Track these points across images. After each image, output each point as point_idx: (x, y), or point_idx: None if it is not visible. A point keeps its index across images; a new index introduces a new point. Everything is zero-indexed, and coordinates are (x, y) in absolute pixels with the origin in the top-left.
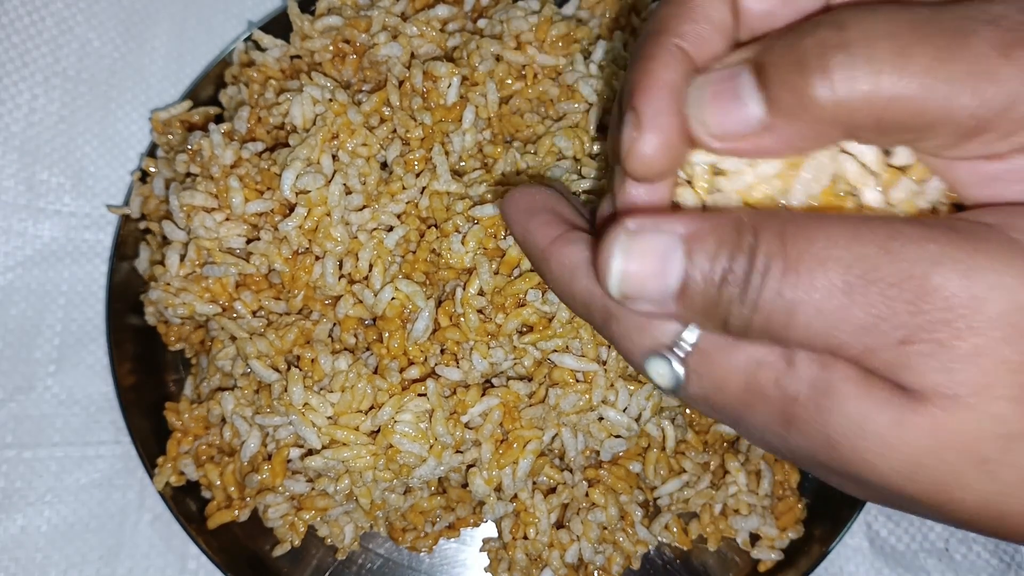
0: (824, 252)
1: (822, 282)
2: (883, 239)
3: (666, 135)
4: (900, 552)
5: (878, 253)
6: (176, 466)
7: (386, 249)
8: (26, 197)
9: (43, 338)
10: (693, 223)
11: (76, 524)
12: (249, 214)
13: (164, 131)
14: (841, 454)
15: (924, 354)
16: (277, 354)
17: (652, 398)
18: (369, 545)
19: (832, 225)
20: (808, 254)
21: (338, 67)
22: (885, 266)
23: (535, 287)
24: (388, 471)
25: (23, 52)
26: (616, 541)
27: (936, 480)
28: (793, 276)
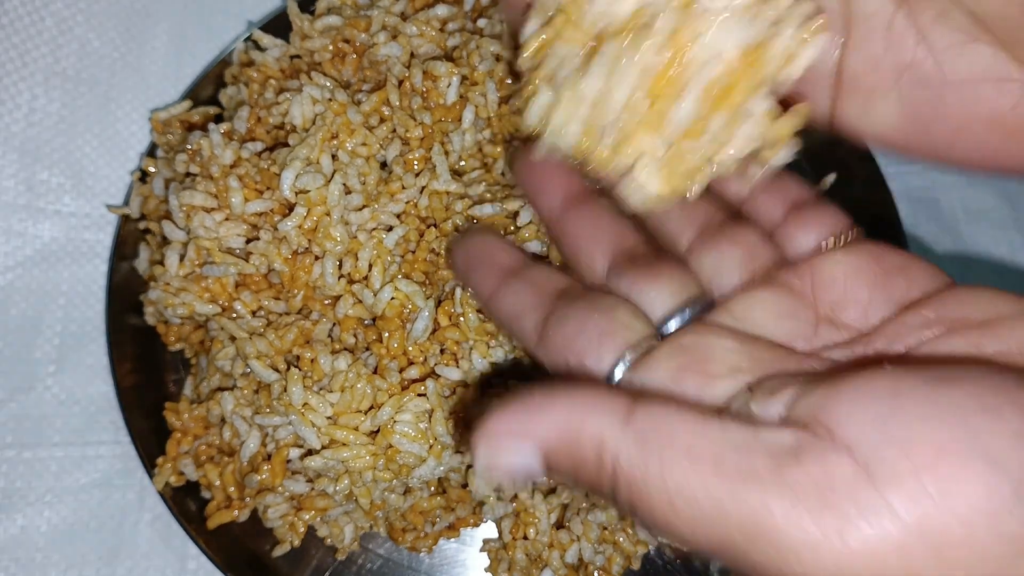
0: (686, 442)
1: (692, 474)
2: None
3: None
4: None
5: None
6: (176, 466)
7: (386, 249)
8: (26, 197)
9: (43, 338)
10: (550, 432)
11: (76, 524)
12: (249, 214)
13: (164, 131)
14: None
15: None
16: (277, 354)
17: None
18: (369, 545)
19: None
20: (669, 454)
21: (338, 67)
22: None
23: None
24: (388, 471)
25: (23, 52)
26: (616, 541)
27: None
28: (660, 470)
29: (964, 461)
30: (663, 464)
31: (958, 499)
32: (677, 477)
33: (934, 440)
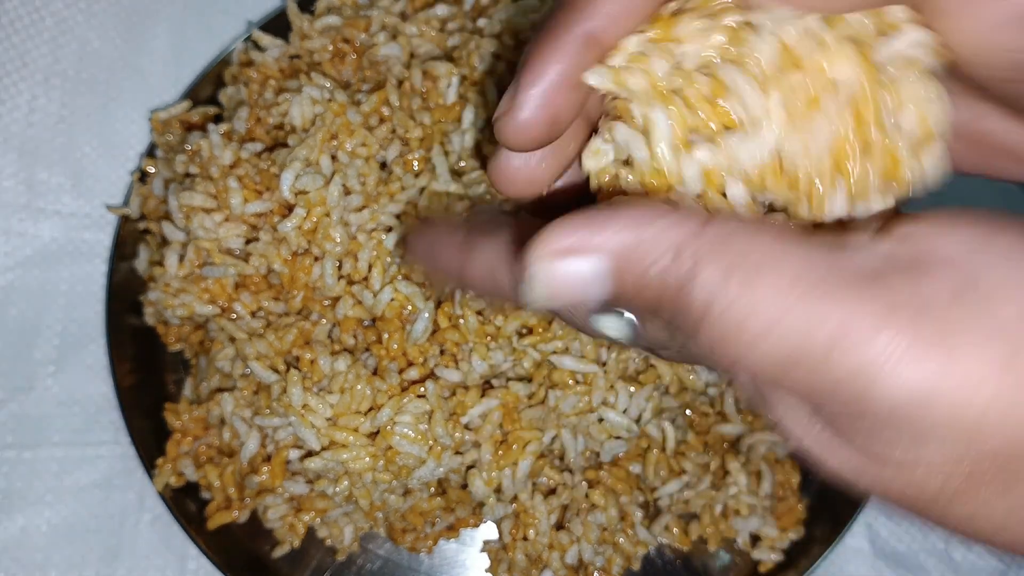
0: (775, 274)
1: (774, 307)
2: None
3: (547, 97)
4: (901, 553)
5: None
6: (176, 467)
7: (385, 250)
8: (26, 197)
9: (43, 338)
10: (624, 235)
11: (76, 524)
12: (248, 214)
13: (163, 131)
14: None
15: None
16: (276, 355)
17: (652, 399)
18: (369, 546)
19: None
20: (761, 274)
21: (337, 67)
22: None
23: None
24: (387, 472)
25: (23, 52)
26: (616, 542)
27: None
28: (747, 293)
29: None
30: (746, 274)
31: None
32: (759, 289)
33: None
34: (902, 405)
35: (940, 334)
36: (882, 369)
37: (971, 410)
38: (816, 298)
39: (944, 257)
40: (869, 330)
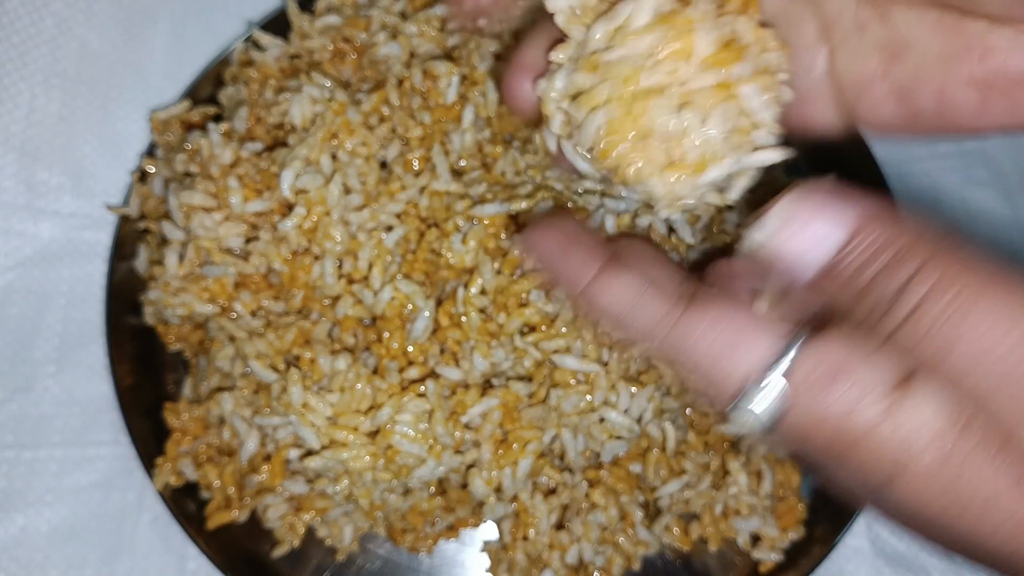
0: (1002, 302)
1: (997, 329)
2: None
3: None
4: (901, 552)
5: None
6: (175, 466)
7: (386, 249)
8: (26, 197)
9: (43, 338)
10: (869, 205)
11: (76, 524)
12: (248, 214)
13: (163, 131)
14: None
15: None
16: (276, 354)
17: (653, 400)
18: (369, 546)
19: (1007, 276)
20: (984, 295)
21: (337, 66)
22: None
23: (538, 287)
24: (387, 472)
25: (23, 52)
26: (616, 542)
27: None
28: (966, 309)
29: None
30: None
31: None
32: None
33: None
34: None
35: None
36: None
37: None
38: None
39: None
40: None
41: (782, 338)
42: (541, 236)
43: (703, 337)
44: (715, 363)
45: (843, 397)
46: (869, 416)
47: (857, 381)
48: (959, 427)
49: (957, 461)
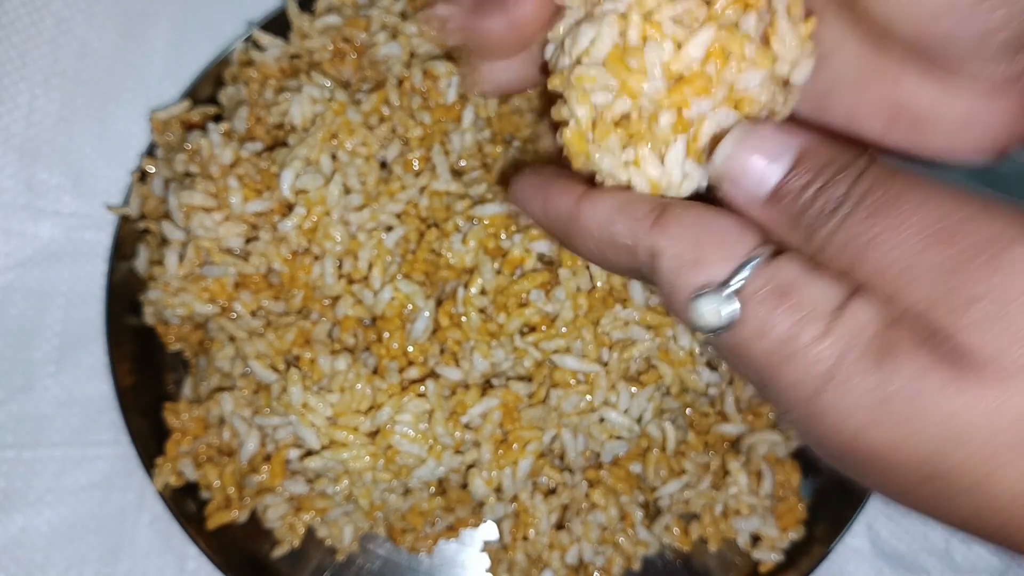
0: (920, 201)
1: (910, 224)
2: (976, 209)
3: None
4: (901, 552)
5: (966, 219)
6: (175, 466)
7: (386, 249)
8: (25, 197)
9: (43, 338)
10: (811, 137)
11: (76, 524)
12: (248, 214)
13: (163, 131)
14: (888, 418)
15: (992, 317)
16: (276, 354)
17: (653, 400)
18: (369, 546)
19: (928, 184)
20: (906, 198)
21: (337, 66)
22: (979, 222)
23: (538, 287)
24: (387, 472)
25: (23, 52)
26: (616, 542)
27: (974, 457)
28: (885, 210)
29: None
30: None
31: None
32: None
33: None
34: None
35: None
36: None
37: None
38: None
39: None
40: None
41: (741, 255)
42: (524, 179)
43: (671, 241)
44: (678, 270)
45: (786, 315)
46: (808, 333)
47: (801, 300)
48: (884, 329)
49: (882, 365)
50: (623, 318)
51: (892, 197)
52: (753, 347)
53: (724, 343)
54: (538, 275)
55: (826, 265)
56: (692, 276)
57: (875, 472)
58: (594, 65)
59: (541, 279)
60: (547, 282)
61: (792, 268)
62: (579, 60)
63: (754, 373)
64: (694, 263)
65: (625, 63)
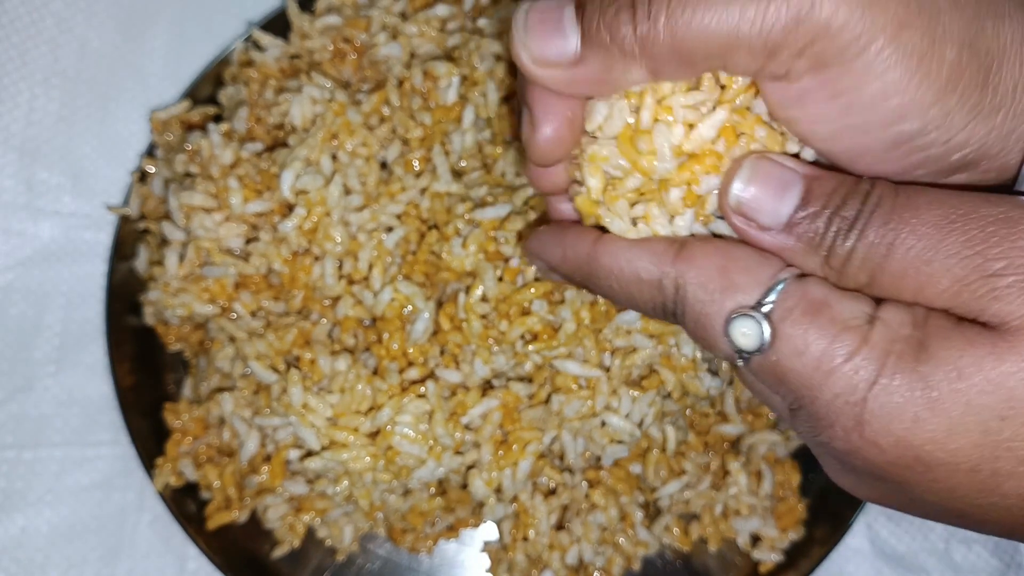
0: (928, 201)
1: (926, 219)
2: (979, 200)
3: (555, 126)
4: (901, 553)
5: (974, 208)
6: (175, 467)
7: (386, 250)
8: (25, 197)
9: (43, 338)
10: (813, 167)
11: (76, 524)
12: (248, 214)
13: (163, 131)
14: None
15: (1016, 285)
16: (276, 355)
17: (654, 404)
18: (369, 546)
19: (930, 188)
20: (915, 201)
21: (337, 67)
22: (984, 208)
23: (540, 297)
24: (387, 472)
25: (23, 52)
26: (616, 542)
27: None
28: (900, 212)
29: None
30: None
31: None
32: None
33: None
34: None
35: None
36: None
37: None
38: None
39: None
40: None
41: (769, 277)
42: (540, 233)
43: (697, 270)
44: (707, 297)
45: (822, 330)
46: (847, 345)
47: (834, 315)
48: (916, 329)
49: (921, 360)
50: (625, 327)
51: (903, 202)
52: (791, 365)
53: (758, 365)
54: (541, 284)
55: (846, 286)
56: (723, 302)
57: (923, 476)
58: (607, 142)
59: (545, 289)
60: (550, 292)
61: (820, 286)
62: (593, 134)
63: (791, 392)
64: (723, 289)
65: (635, 145)
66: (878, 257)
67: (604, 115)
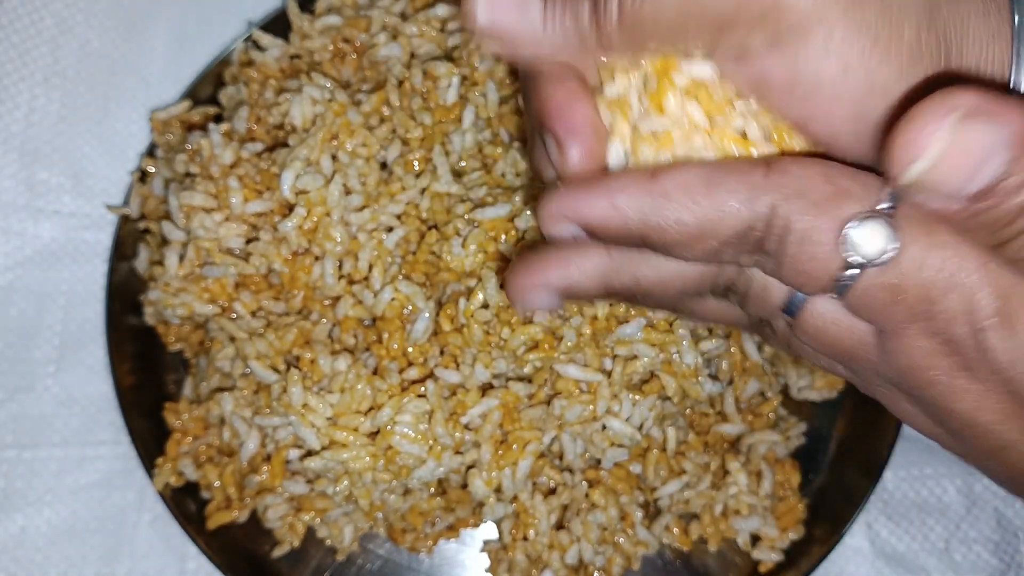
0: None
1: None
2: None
3: (586, 143)
4: (901, 552)
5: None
6: (175, 466)
7: (386, 250)
8: (26, 197)
9: (43, 338)
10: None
11: (76, 524)
12: (248, 214)
13: (163, 131)
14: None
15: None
16: (276, 355)
17: (655, 408)
18: (369, 546)
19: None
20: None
21: (338, 67)
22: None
23: None
24: (387, 472)
25: (23, 52)
26: (616, 542)
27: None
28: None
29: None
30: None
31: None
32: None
33: None
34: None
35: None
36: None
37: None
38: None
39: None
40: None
41: (879, 184)
42: (566, 191)
43: (798, 182)
44: (818, 205)
45: (951, 243)
46: (976, 262)
47: (961, 236)
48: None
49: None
50: (627, 338)
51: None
52: (912, 281)
53: (870, 284)
54: None
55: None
56: (835, 210)
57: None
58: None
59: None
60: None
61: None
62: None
63: (904, 311)
64: (832, 196)
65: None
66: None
67: (620, 156)
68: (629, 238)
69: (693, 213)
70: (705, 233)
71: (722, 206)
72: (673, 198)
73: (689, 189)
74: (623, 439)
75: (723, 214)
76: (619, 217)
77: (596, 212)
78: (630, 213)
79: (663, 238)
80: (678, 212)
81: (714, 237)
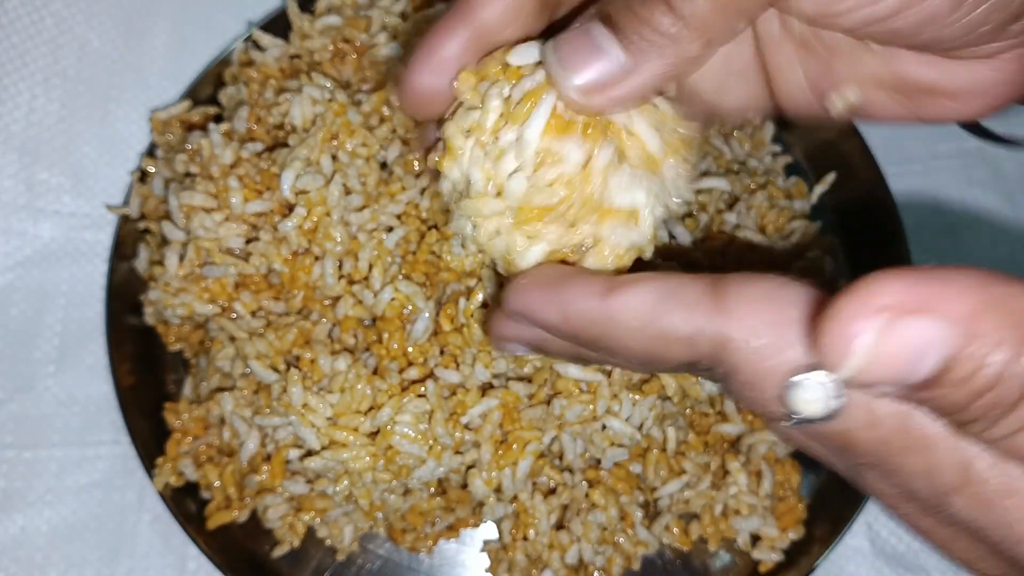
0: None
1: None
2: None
3: (430, 80)
4: (901, 552)
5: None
6: (175, 466)
7: (386, 249)
8: (26, 197)
9: (43, 338)
10: (968, 303)
11: (76, 524)
12: (248, 214)
13: (163, 131)
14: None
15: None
16: (276, 355)
17: (655, 408)
18: (369, 546)
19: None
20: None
21: (338, 67)
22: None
23: None
24: (387, 472)
25: (23, 52)
26: (616, 542)
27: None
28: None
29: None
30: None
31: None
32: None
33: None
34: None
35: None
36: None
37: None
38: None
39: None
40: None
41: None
42: (527, 286)
43: (741, 324)
44: (760, 357)
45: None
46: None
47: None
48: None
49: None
50: None
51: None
52: (864, 436)
53: (821, 431)
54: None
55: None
56: (778, 363)
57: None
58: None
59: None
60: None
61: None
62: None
63: (860, 456)
64: (776, 347)
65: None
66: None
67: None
68: (582, 343)
69: (641, 343)
70: (653, 360)
71: (663, 339)
72: (621, 324)
73: (638, 315)
74: (623, 439)
75: (668, 347)
76: (568, 329)
77: (548, 318)
78: (578, 331)
79: (608, 356)
80: (625, 340)
81: (661, 364)
